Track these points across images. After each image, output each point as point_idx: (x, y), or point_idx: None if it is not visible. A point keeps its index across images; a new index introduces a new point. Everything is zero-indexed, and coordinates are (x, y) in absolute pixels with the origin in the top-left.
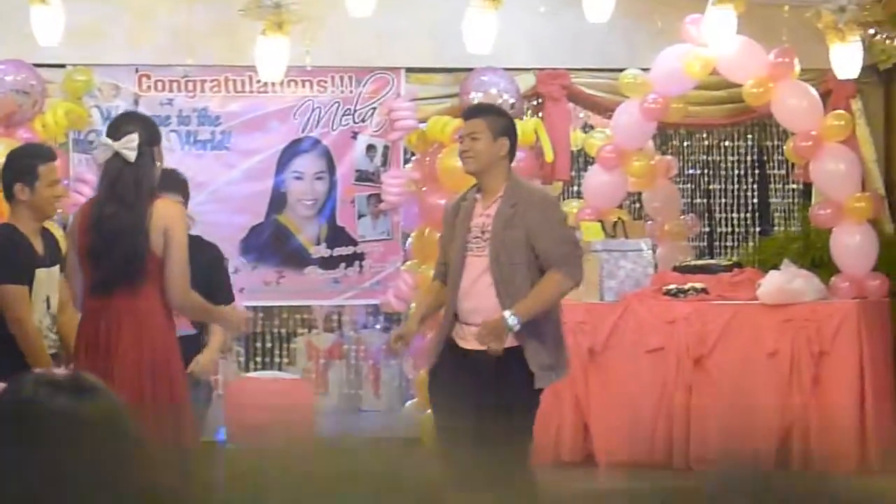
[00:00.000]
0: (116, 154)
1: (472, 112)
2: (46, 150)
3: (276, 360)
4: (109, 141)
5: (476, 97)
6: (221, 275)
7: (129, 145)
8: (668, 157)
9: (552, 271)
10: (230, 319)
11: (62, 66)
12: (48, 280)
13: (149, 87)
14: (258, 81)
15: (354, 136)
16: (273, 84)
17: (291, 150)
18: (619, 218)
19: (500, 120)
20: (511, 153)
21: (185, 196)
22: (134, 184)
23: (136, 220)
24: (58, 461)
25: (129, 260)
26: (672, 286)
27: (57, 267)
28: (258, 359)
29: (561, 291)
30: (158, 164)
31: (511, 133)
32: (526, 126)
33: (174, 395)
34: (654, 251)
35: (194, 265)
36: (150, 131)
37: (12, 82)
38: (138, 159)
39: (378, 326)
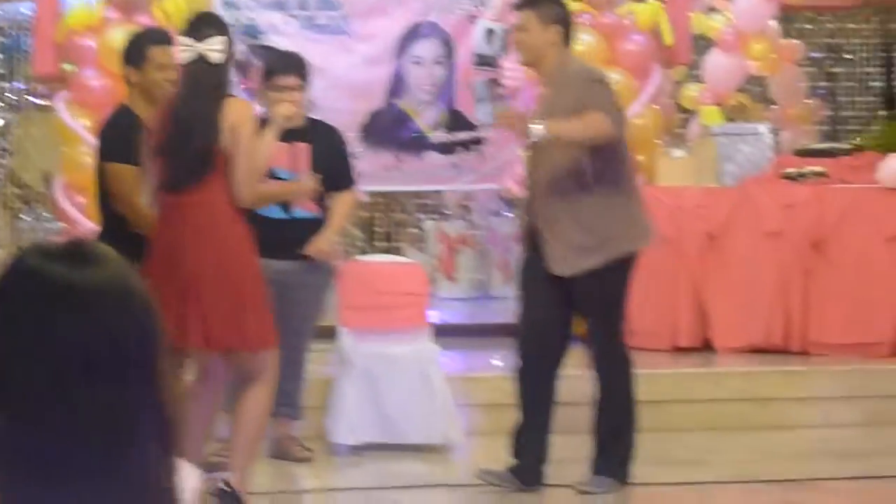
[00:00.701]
0: (199, 55)
1: (520, 3)
2: (160, 33)
3: (397, 245)
4: (192, 42)
5: None
6: (343, 159)
7: (215, 47)
8: (793, 40)
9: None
10: (296, 190)
11: None
12: None
13: None
14: None
15: (473, 20)
16: None
17: (411, 35)
18: (738, 101)
19: (549, 7)
20: (565, 39)
21: (304, 78)
22: (216, 85)
23: (211, 119)
24: (51, 331)
25: (202, 156)
26: (791, 170)
27: None
28: (377, 243)
29: (598, 127)
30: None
31: (563, 19)
32: (646, 9)
33: (245, 288)
34: (775, 135)
35: (317, 149)
36: (229, 34)
37: None
38: (222, 62)
39: (509, 214)
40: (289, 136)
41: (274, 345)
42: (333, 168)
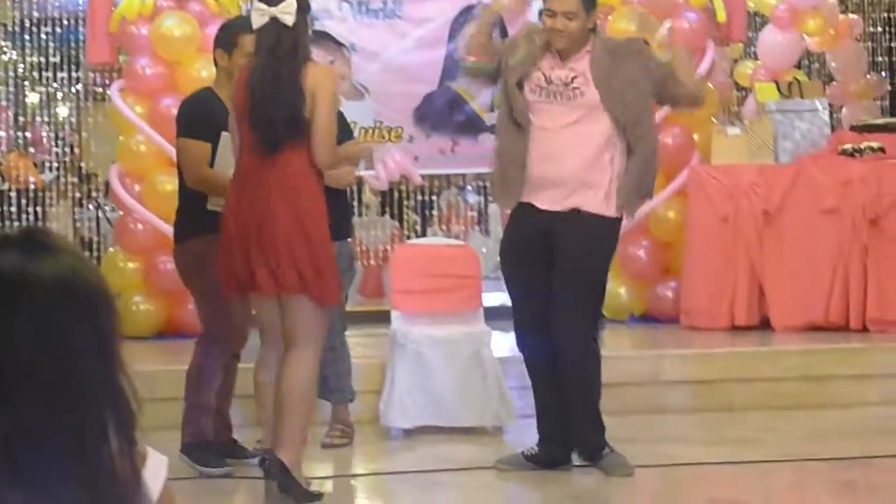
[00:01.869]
0: (273, 19)
1: None
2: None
3: (454, 226)
4: (265, 6)
5: None
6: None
7: (287, 10)
8: (851, 15)
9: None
10: (356, 153)
11: None
12: None
13: None
14: None
15: (529, 1)
16: None
17: (463, 17)
18: (794, 78)
19: None
20: (595, 21)
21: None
22: (292, 47)
23: (295, 82)
24: (3, 322)
25: (292, 121)
26: (848, 146)
27: None
28: (434, 226)
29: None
30: (309, 33)
31: (596, 1)
32: None
33: (319, 246)
34: (831, 111)
35: None
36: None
37: None
38: (295, 24)
39: None
40: None
41: (333, 305)
42: None
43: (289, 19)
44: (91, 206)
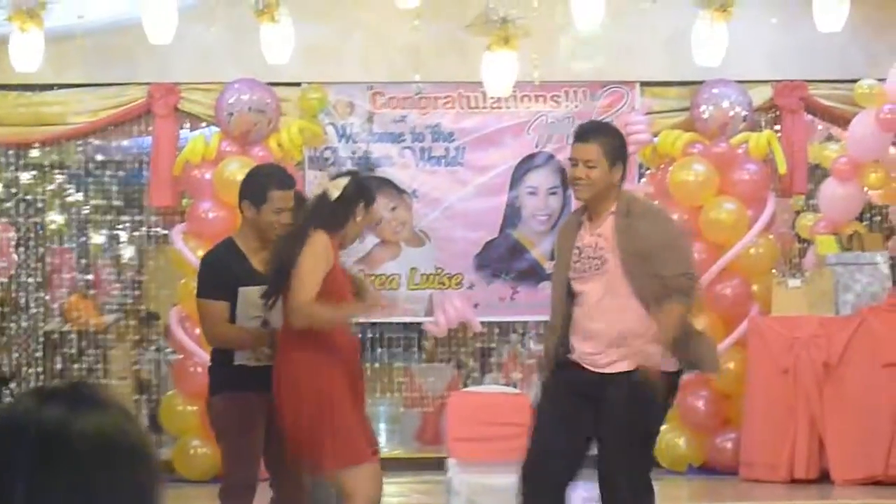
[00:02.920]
0: (325, 190)
1: (586, 135)
2: (285, 176)
3: (513, 374)
4: (326, 180)
5: (707, 110)
6: None
7: (337, 185)
8: None
9: (672, 301)
10: (364, 308)
11: (297, 84)
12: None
13: (382, 104)
14: (491, 97)
15: None
16: (506, 99)
17: (525, 166)
18: (855, 231)
19: (614, 142)
20: (624, 177)
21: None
22: (317, 215)
23: (293, 244)
24: (43, 474)
25: (278, 278)
26: None
27: None
28: (492, 373)
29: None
30: (359, 219)
31: (625, 157)
32: (759, 139)
33: (312, 410)
34: (892, 264)
35: None
36: (364, 187)
37: (248, 101)
38: (338, 199)
39: None
40: None
41: (352, 462)
42: None
43: (334, 192)
44: (151, 349)
